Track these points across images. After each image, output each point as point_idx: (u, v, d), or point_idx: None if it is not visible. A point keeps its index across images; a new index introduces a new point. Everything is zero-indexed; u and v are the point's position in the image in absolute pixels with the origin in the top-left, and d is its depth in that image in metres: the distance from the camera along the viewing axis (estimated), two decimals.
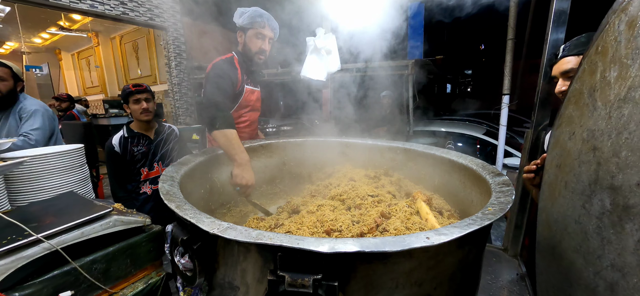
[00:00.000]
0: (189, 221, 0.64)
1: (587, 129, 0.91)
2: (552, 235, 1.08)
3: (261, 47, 1.73)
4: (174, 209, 0.70)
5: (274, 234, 0.57)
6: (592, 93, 0.94)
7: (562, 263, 0.96)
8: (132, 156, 2.06)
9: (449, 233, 0.58)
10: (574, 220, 0.87)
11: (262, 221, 1.26)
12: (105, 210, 1.00)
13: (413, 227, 1.07)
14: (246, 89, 1.81)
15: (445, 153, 1.42)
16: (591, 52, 1.01)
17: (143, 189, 2.11)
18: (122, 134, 2.08)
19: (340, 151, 1.90)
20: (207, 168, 1.38)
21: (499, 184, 0.93)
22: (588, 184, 0.81)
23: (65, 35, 9.40)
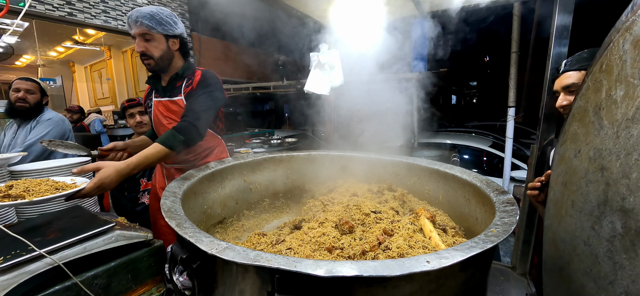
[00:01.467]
0: (188, 240, 0.64)
1: (593, 148, 0.89)
2: (560, 255, 1.04)
3: (137, 51, 1.53)
4: (174, 227, 0.70)
5: (272, 256, 0.56)
6: (597, 111, 0.92)
7: (571, 286, 0.92)
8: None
9: (450, 256, 0.57)
10: (583, 241, 0.84)
11: (263, 237, 1.26)
12: (108, 225, 1.01)
13: (416, 245, 1.05)
14: (154, 102, 1.66)
15: (448, 168, 1.41)
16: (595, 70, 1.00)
17: (142, 199, 2.15)
18: None
19: (342, 165, 1.90)
20: (209, 182, 1.39)
21: (503, 202, 0.91)
22: (597, 205, 0.79)
23: (79, 49, 9.74)
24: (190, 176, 1.18)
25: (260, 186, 1.72)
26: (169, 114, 1.63)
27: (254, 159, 1.65)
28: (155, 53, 1.52)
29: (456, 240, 1.11)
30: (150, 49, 1.51)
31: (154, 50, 1.52)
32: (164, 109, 1.64)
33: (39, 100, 2.25)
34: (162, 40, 1.54)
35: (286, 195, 1.85)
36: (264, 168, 1.73)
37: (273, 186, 1.79)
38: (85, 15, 4.70)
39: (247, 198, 1.66)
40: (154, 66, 1.56)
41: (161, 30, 1.51)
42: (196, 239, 0.63)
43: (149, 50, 1.51)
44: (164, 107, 1.63)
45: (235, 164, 1.53)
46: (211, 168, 1.38)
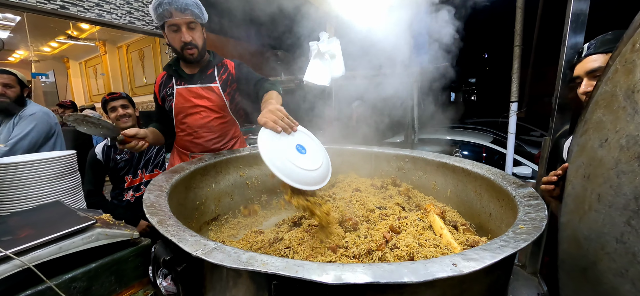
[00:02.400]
0: (170, 239, 0.55)
1: (626, 135, 0.81)
2: (583, 254, 0.96)
3: (183, 41, 1.47)
4: (156, 225, 0.61)
5: (269, 259, 0.47)
6: (630, 95, 0.84)
7: (600, 288, 0.84)
8: (115, 164, 2.04)
9: (479, 257, 0.48)
10: (615, 239, 0.76)
11: (260, 235, 1.17)
12: (88, 222, 0.91)
13: (426, 244, 0.97)
14: (177, 91, 1.58)
15: (457, 162, 1.32)
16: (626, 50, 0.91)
17: (126, 196, 2.07)
18: (105, 143, 2.07)
19: (344, 159, 1.81)
20: (203, 177, 1.29)
21: (524, 196, 0.83)
22: (634, 198, 0.70)
23: (74, 44, 9.56)
24: (180, 170, 1.09)
25: (257, 182, 1.63)
26: (200, 102, 1.60)
27: (251, 152, 1.56)
28: (199, 42, 1.52)
29: (469, 238, 1.03)
30: (196, 38, 1.50)
31: (199, 39, 1.52)
32: (194, 96, 1.59)
33: (20, 93, 2.13)
34: (202, 30, 1.55)
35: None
36: (261, 162, 1.63)
37: (271, 181, 1.69)
38: (78, 9, 4.55)
39: (243, 194, 1.57)
40: (197, 56, 1.54)
41: (203, 19, 1.51)
42: (179, 239, 0.54)
43: (195, 39, 1.50)
44: (195, 94, 1.60)
45: (230, 157, 1.44)
46: (204, 161, 1.28)
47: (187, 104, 1.58)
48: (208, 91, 1.60)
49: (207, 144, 1.65)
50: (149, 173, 2.13)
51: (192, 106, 1.58)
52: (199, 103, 1.59)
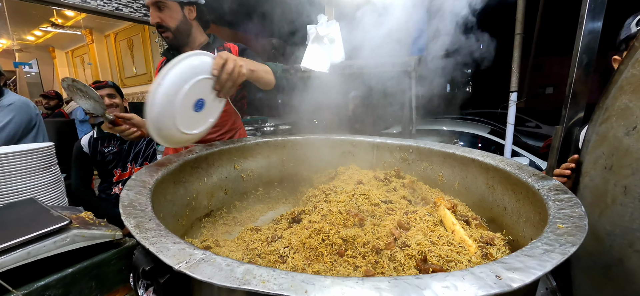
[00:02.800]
0: (147, 248, 0.45)
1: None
2: (606, 251, 0.90)
3: (156, 22, 1.37)
4: (131, 229, 0.51)
5: (270, 273, 0.39)
6: None
7: (628, 288, 0.78)
8: (103, 157, 1.92)
9: (523, 266, 0.40)
10: None
11: (257, 233, 1.08)
12: (61, 223, 0.81)
13: (439, 241, 0.89)
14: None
15: (467, 152, 1.24)
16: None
17: (114, 190, 1.96)
18: (92, 135, 1.94)
19: (344, 150, 1.72)
20: (193, 170, 1.19)
21: (551, 190, 0.75)
22: None
23: (59, 33, 9.17)
24: (167, 162, 0.98)
25: (252, 174, 1.53)
26: None
27: (245, 143, 1.45)
28: (171, 24, 1.37)
29: (482, 234, 0.96)
30: (165, 19, 1.36)
31: (170, 20, 1.37)
32: None
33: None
34: (177, 9, 1.38)
35: (282, 184, 1.66)
36: (256, 154, 1.54)
37: (267, 174, 1.60)
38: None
39: (238, 188, 1.47)
40: (173, 40, 1.41)
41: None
42: (158, 248, 0.44)
43: (165, 21, 1.36)
44: None
45: (223, 149, 1.33)
46: (195, 153, 1.18)
47: None
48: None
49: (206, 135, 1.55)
50: (139, 166, 2.02)
51: None
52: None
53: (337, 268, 0.85)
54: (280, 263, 0.90)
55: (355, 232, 0.94)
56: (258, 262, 0.90)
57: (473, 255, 0.86)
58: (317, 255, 0.89)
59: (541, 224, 0.79)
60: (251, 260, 0.91)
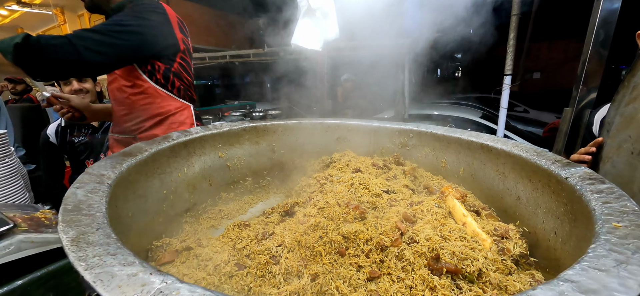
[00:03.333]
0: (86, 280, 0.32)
1: None
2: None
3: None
4: (66, 244, 0.38)
5: None
6: None
7: None
8: (72, 147, 1.72)
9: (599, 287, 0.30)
10: None
11: (245, 229, 0.96)
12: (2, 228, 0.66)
13: (451, 236, 0.79)
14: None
15: (474, 136, 1.14)
16: None
17: None
18: (59, 123, 1.73)
19: (339, 135, 1.60)
20: (170, 159, 1.04)
21: (583, 179, 0.66)
22: None
23: (27, 12, 8.48)
24: (137, 151, 0.84)
25: (239, 163, 1.40)
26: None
27: (231, 129, 1.31)
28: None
29: (495, 226, 0.87)
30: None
31: None
32: None
33: None
34: None
35: (272, 173, 1.54)
36: (243, 141, 1.40)
37: (256, 162, 1.47)
38: None
39: (224, 178, 1.33)
40: (88, 2, 1.23)
41: None
42: (96, 275, 0.31)
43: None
44: None
45: (205, 135, 1.19)
46: (171, 140, 1.03)
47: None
48: None
49: (120, 121, 1.32)
50: None
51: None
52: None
53: (338, 270, 0.74)
54: (272, 265, 0.79)
55: (357, 227, 0.84)
56: (247, 264, 0.79)
57: (489, 250, 0.77)
58: (314, 255, 0.78)
59: (568, 217, 0.70)
60: (239, 262, 0.79)
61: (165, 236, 0.91)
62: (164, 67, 1.27)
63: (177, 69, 1.32)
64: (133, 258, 0.36)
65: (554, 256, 0.72)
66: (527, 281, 0.72)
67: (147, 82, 1.26)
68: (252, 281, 0.75)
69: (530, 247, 0.81)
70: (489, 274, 0.71)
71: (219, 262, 0.77)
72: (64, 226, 0.41)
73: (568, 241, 0.66)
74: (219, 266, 0.76)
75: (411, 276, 0.71)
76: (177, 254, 0.81)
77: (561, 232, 0.70)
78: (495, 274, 0.71)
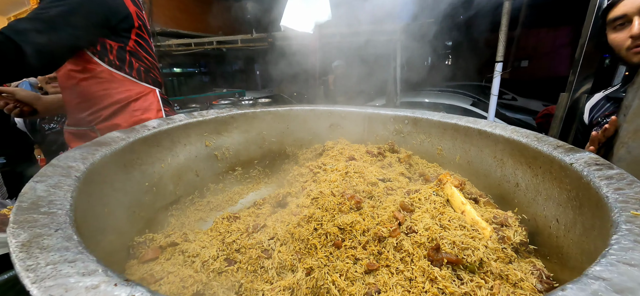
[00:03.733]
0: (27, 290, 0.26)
1: None
2: None
3: None
4: (13, 250, 0.31)
5: None
6: None
7: None
8: (43, 136, 1.59)
9: (635, 285, 0.26)
10: None
11: (235, 222, 0.90)
12: None
13: (450, 225, 0.77)
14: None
15: (472, 122, 1.11)
16: None
17: None
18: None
19: (332, 122, 1.54)
20: (151, 149, 0.97)
21: (590, 164, 0.63)
22: None
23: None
24: (110, 141, 0.76)
25: (228, 152, 1.33)
26: None
27: (218, 116, 1.23)
28: None
29: (495, 213, 0.85)
30: None
31: None
32: None
33: None
34: None
35: (263, 162, 1.48)
36: (232, 129, 1.33)
37: (246, 151, 1.40)
38: None
39: (211, 168, 1.27)
40: None
41: None
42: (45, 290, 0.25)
43: None
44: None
45: (189, 122, 1.11)
46: (151, 129, 0.95)
47: None
48: None
49: (73, 112, 1.19)
50: None
51: None
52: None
53: (334, 263, 0.70)
54: (264, 259, 0.74)
55: (353, 218, 0.80)
56: (237, 259, 0.74)
57: (489, 239, 0.75)
58: (309, 248, 0.74)
59: (571, 204, 0.67)
60: (228, 257, 0.74)
61: (149, 231, 0.85)
62: (116, 46, 1.13)
63: (133, 48, 1.18)
64: (95, 265, 0.30)
65: (555, 244, 0.70)
66: (528, 270, 0.70)
67: (98, 65, 1.11)
68: (243, 276, 0.71)
69: (530, 234, 0.79)
70: (490, 263, 0.68)
71: (207, 258, 0.71)
72: (14, 228, 0.35)
73: (572, 228, 0.64)
74: (207, 262, 0.71)
75: (410, 268, 0.68)
76: (162, 250, 0.75)
77: (564, 219, 0.68)
78: (496, 263, 0.69)
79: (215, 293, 0.66)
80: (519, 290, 0.65)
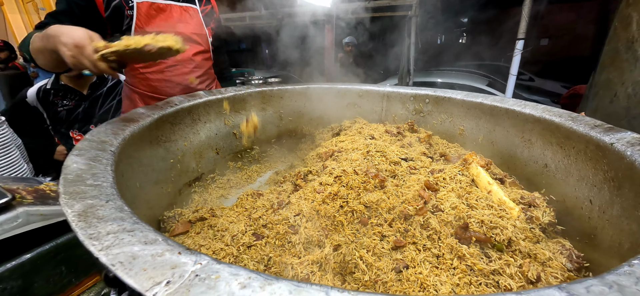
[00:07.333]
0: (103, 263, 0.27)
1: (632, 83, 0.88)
2: None
3: None
4: (72, 219, 0.32)
5: None
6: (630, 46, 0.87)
7: None
8: (55, 113, 1.60)
9: None
10: None
11: (259, 198, 0.92)
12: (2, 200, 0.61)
13: (478, 204, 0.76)
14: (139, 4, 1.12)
15: (498, 101, 1.08)
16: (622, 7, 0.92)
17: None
18: (44, 85, 1.60)
19: (349, 101, 1.52)
20: (174, 126, 0.98)
21: (633, 145, 0.60)
22: None
23: None
24: (137, 117, 0.76)
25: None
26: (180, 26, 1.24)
27: (236, 93, 1.22)
28: None
29: (522, 194, 0.83)
30: None
31: None
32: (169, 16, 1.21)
33: None
34: None
35: (280, 140, 1.48)
36: (250, 107, 1.32)
37: (263, 130, 1.40)
38: None
39: (230, 146, 1.28)
40: None
41: None
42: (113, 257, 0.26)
43: None
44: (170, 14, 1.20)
45: (209, 99, 1.11)
46: (174, 106, 0.95)
47: (166, 27, 1.16)
48: (186, 14, 1.23)
49: (191, 85, 1.29)
50: None
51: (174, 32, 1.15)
52: (183, 30, 1.21)
53: (361, 239, 0.71)
54: (291, 234, 0.76)
55: (378, 196, 0.80)
56: (265, 234, 0.75)
57: (516, 219, 0.74)
58: (335, 225, 0.75)
59: (608, 185, 0.66)
60: (256, 232, 0.76)
61: (177, 206, 0.87)
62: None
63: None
64: (154, 235, 0.30)
65: (588, 225, 0.69)
66: (557, 250, 0.69)
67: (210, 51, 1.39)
68: (271, 251, 0.72)
69: (558, 215, 0.78)
70: (519, 242, 0.68)
71: (235, 232, 0.73)
72: (67, 199, 0.36)
73: (608, 209, 0.63)
74: (236, 236, 0.73)
75: (438, 245, 0.69)
76: (191, 225, 0.77)
77: (598, 200, 0.67)
78: (524, 242, 0.69)
79: (246, 265, 0.67)
80: (548, 268, 0.65)
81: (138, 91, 1.26)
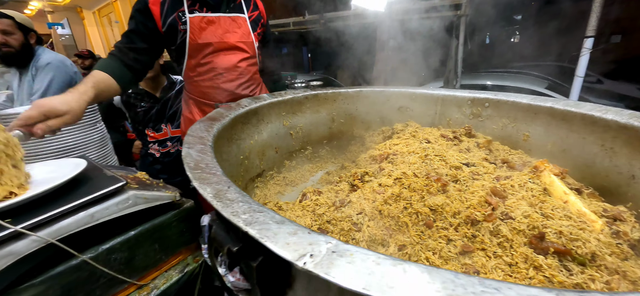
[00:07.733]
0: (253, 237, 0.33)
1: None
2: None
3: None
4: (212, 201, 0.39)
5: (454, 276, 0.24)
6: None
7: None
8: (135, 114, 1.85)
9: None
10: None
11: (319, 196, 0.97)
12: (118, 184, 0.73)
13: (554, 214, 0.72)
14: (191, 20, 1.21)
15: (572, 106, 1.00)
16: None
17: (151, 150, 1.93)
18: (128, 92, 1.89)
19: (401, 105, 1.52)
20: (244, 126, 1.07)
21: None
22: None
23: None
24: (219, 116, 0.86)
25: (301, 131, 1.40)
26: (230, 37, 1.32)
27: (294, 96, 1.30)
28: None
29: (605, 208, 0.77)
30: None
31: None
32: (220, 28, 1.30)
33: (24, 40, 1.89)
34: None
35: (331, 142, 1.53)
36: (305, 109, 1.39)
37: (316, 131, 1.46)
38: None
39: (287, 146, 1.36)
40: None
41: None
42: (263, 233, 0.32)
43: None
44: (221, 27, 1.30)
45: (272, 102, 1.19)
46: (244, 107, 1.05)
47: (214, 38, 1.28)
48: (235, 23, 1.32)
49: (237, 90, 1.37)
50: (175, 128, 1.95)
51: (221, 42, 1.29)
52: (230, 40, 1.30)
53: (426, 241, 0.72)
54: (355, 232, 0.79)
55: (442, 199, 0.80)
56: (330, 230, 0.80)
57: (600, 232, 0.69)
58: (399, 225, 0.76)
59: None
60: (321, 227, 0.81)
61: None
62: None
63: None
64: (280, 217, 0.36)
65: None
66: None
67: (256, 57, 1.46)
68: None
69: None
70: (605, 257, 0.63)
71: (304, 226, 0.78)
72: (199, 183, 0.44)
73: None
74: None
75: (510, 253, 0.67)
76: None
77: None
78: (611, 258, 0.64)
79: None
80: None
81: (192, 96, 1.41)
